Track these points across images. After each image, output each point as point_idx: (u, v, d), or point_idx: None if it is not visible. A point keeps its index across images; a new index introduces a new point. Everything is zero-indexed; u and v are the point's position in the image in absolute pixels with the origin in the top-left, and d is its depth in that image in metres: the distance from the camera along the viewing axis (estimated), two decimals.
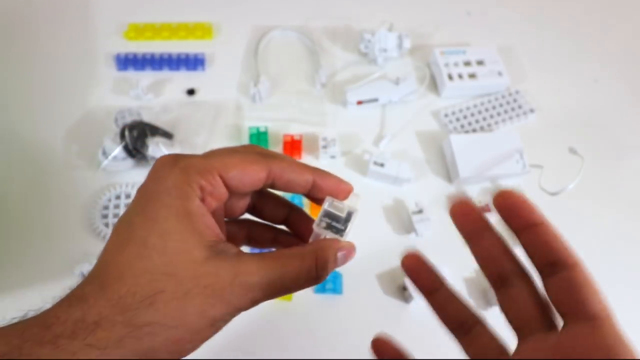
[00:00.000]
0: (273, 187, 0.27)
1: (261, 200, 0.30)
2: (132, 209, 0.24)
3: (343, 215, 0.28)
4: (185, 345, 0.22)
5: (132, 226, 0.23)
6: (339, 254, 0.28)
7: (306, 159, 0.60)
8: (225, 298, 0.22)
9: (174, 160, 0.24)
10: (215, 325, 0.22)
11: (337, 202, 0.28)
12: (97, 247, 0.52)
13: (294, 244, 0.30)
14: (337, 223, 0.28)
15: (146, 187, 0.24)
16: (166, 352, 0.21)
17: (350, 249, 0.28)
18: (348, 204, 0.28)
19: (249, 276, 0.23)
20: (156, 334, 0.21)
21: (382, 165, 0.56)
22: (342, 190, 0.29)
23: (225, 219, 0.28)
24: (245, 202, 0.29)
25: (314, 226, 0.27)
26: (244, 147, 0.27)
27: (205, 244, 0.23)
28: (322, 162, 0.59)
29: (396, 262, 0.54)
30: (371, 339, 0.29)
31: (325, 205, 0.27)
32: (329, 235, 0.28)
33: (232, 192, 0.25)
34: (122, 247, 0.22)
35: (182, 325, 0.21)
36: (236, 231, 0.30)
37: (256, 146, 0.27)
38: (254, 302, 0.23)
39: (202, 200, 0.24)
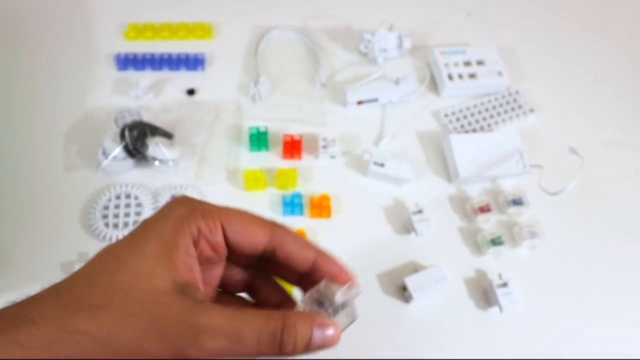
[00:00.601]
0: (273, 256, 0.26)
1: (259, 280, 0.29)
2: (129, 233, 0.24)
3: (336, 302, 0.24)
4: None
5: (116, 245, 0.23)
6: (316, 331, 0.22)
7: (306, 158, 0.60)
8: (168, 334, 0.20)
9: (184, 199, 0.24)
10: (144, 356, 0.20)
11: (335, 286, 0.24)
12: (97, 248, 0.52)
13: None
14: (327, 308, 0.24)
15: (150, 217, 0.24)
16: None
17: (332, 331, 0.23)
18: (344, 294, 0.25)
19: (202, 317, 0.21)
20: (85, 346, 0.20)
21: (382, 165, 0.56)
22: (343, 278, 0.27)
23: (219, 289, 0.27)
24: (241, 275, 0.28)
25: (299, 301, 0.24)
26: (258, 215, 0.26)
27: (174, 280, 0.22)
28: (322, 162, 0.59)
29: (396, 262, 0.54)
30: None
31: (322, 285, 0.25)
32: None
33: (231, 249, 0.25)
34: (94, 262, 0.23)
35: (113, 347, 0.20)
36: (237, 273, 0.28)
37: (270, 219, 0.26)
38: (200, 351, 0.21)
39: (197, 243, 0.24)
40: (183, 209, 0.24)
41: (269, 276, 0.29)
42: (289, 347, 0.22)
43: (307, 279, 0.26)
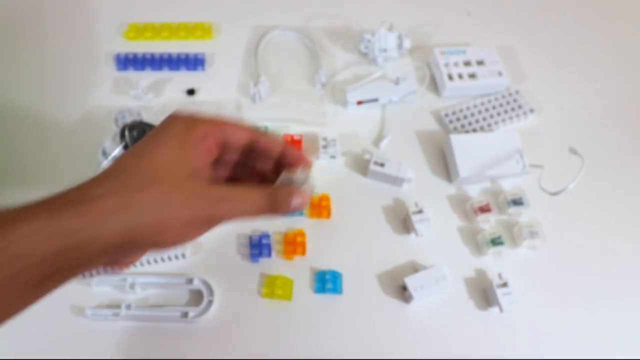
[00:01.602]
0: (252, 151, 0.35)
1: (242, 172, 0.37)
2: (157, 127, 0.32)
3: (297, 180, 0.34)
4: (168, 230, 0.28)
5: (143, 144, 0.31)
6: (294, 199, 0.33)
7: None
8: (199, 202, 0.29)
9: (183, 112, 0.33)
10: (193, 223, 0.29)
11: (296, 169, 0.35)
12: None
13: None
14: (294, 184, 0.34)
15: (161, 125, 0.32)
16: (149, 233, 0.28)
17: (302, 198, 0.33)
18: (302, 173, 0.35)
19: (219, 192, 0.31)
20: (144, 212, 0.27)
21: (382, 165, 0.56)
22: (302, 161, 0.35)
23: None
24: (228, 170, 0.36)
25: (276, 182, 0.34)
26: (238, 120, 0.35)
27: (192, 167, 0.30)
28: (322, 162, 0.59)
29: (396, 262, 0.54)
30: None
31: (286, 170, 0.35)
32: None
33: (224, 148, 0.34)
34: (136, 154, 0.30)
35: (165, 210, 0.28)
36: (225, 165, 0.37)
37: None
38: (217, 212, 0.30)
39: (202, 142, 0.31)
40: (188, 118, 0.32)
41: (249, 169, 0.37)
42: (277, 208, 0.32)
43: (277, 167, 0.36)
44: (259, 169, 0.37)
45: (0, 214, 0.25)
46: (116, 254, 0.28)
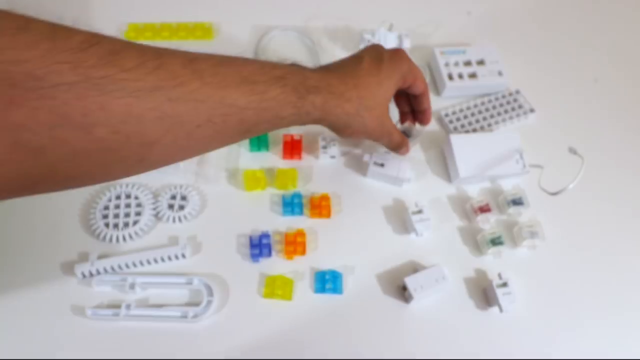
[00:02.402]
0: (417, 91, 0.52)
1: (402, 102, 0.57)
2: (383, 60, 0.46)
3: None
4: (354, 135, 0.47)
5: (380, 70, 0.45)
6: (408, 144, 0.55)
7: (306, 159, 0.60)
8: (385, 127, 0.49)
9: (408, 57, 0.49)
10: (371, 135, 0.49)
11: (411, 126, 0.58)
12: (97, 248, 0.53)
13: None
14: (407, 134, 0.57)
15: (394, 58, 0.47)
16: (347, 132, 0.46)
17: (409, 147, 0.55)
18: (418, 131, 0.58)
19: (392, 127, 0.50)
20: (362, 120, 0.45)
21: (382, 165, 0.56)
22: (426, 121, 0.57)
23: None
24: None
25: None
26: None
27: (388, 103, 0.48)
28: (321, 162, 0.59)
29: (396, 262, 0.54)
30: None
31: (405, 125, 0.58)
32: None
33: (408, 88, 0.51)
34: (370, 76, 0.45)
35: (372, 126, 0.47)
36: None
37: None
38: (379, 134, 0.49)
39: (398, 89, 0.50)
40: (406, 67, 0.48)
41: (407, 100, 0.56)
42: (402, 149, 0.54)
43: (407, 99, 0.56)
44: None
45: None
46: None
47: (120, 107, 0.27)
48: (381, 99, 0.46)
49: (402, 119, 0.57)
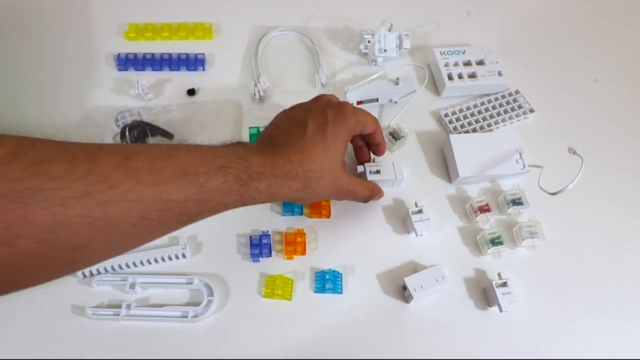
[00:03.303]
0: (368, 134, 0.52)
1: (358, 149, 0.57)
2: (326, 124, 0.44)
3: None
4: (311, 201, 0.51)
5: (325, 135, 0.44)
6: (380, 193, 0.55)
7: None
8: (340, 191, 0.47)
9: (353, 110, 0.47)
10: (326, 198, 0.48)
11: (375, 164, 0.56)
12: None
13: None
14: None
15: (336, 117, 0.45)
16: (305, 201, 0.46)
17: (382, 193, 0.56)
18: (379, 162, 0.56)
19: (350, 186, 0.48)
20: (309, 193, 0.43)
21: (378, 172, 0.56)
22: (382, 151, 0.56)
23: None
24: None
25: (368, 176, 0.55)
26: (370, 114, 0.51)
27: (343, 161, 0.47)
28: None
29: (396, 262, 0.54)
30: None
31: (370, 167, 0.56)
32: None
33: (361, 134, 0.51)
34: (316, 144, 0.43)
35: (319, 195, 0.45)
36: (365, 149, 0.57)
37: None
38: (341, 198, 0.49)
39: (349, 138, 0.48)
40: (353, 121, 0.46)
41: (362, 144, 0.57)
42: (374, 197, 0.54)
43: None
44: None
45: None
46: None
47: (45, 217, 0.26)
48: (330, 164, 0.44)
49: (358, 154, 0.57)
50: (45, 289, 0.50)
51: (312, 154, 0.42)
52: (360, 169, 0.56)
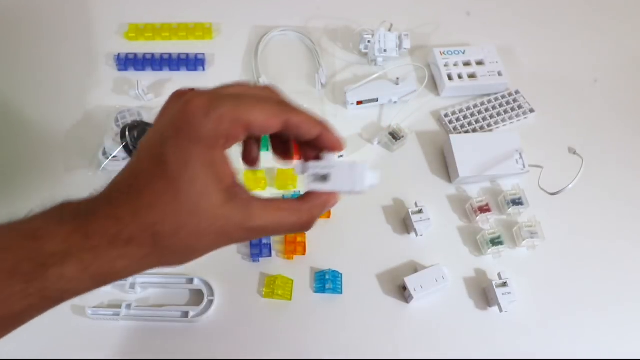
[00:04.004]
0: (285, 132, 0.30)
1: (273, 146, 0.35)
2: (163, 144, 0.26)
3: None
4: (189, 261, 0.29)
5: (164, 164, 0.26)
6: (327, 207, 0.32)
7: None
8: (232, 237, 0.28)
9: (207, 108, 0.26)
10: (216, 249, 0.29)
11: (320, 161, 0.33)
12: None
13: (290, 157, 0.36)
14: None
15: (178, 128, 0.27)
16: (174, 264, 0.29)
17: (335, 202, 0.32)
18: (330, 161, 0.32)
19: (253, 222, 0.28)
20: (173, 255, 0.28)
21: (325, 178, 0.32)
22: (339, 147, 0.32)
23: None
24: (257, 148, 0.35)
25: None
26: (262, 91, 0.31)
27: (222, 189, 0.27)
28: None
29: (396, 262, 0.54)
30: None
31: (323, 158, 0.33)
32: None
33: (251, 134, 0.29)
34: (153, 180, 0.26)
35: (193, 251, 0.28)
36: (253, 147, 0.34)
37: (273, 90, 0.32)
38: (250, 239, 0.31)
39: (227, 147, 0.28)
40: (211, 123, 0.26)
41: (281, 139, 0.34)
42: (309, 228, 0.31)
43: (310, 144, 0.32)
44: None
45: (38, 248, 0.25)
46: None
47: None
48: (192, 204, 0.26)
49: (280, 152, 0.36)
50: None
51: (151, 196, 0.26)
52: (297, 168, 0.33)
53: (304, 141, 0.31)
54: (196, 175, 0.26)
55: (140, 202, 0.26)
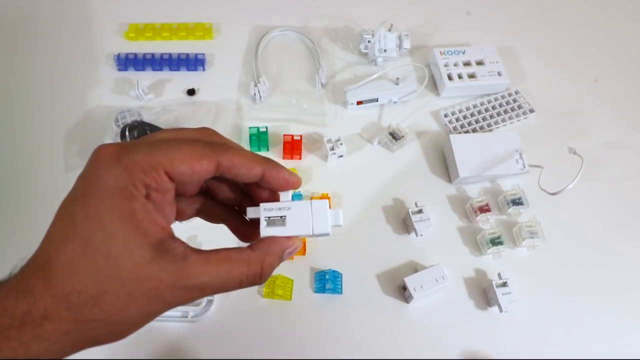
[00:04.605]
0: (222, 176, 0.26)
1: (215, 183, 0.30)
2: (73, 202, 0.24)
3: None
4: (126, 333, 0.25)
5: (74, 223, 0.23)
6: (285, 253, 0.28)
7: (308, 158, 0.60)
8: (166, 300, 0.24)
9: (117, 156, 0.23)
10: (154, 317, 0.24)
11: (275, 203, 0.29)
12: None
13: (243, 226, 0.32)
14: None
15: (87, 182, 0.24)
16: (108, 339, 0.24)
17: (295, 247, 0.28)
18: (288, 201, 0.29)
19: (191, 280, 0.24)
20: (100, 328, 0.23)
21: (282, 219, 0.28)
22: (292, 184, 0.28)
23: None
24: (196, 185, 0.29)
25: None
26: (194, 133, 0.27)
27: (149, 244, 0.23)
28: (330, 163, 0.59)
29: (396, 262, 0.54)
30: None
31: (263, 211, 0.28)
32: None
33: (180, 183, 0.25)
34: (65, 243, 0.23)
35: (125, 321, 0.24)
36: (187, 206, 0.30)
37: (208, 131, 0.28)
38: (192, 301, 0.25)
39: (147, 196, 0.24)
40: (120, 171, 0.23)
41: (224, 178, 0.28)
42: (264, 280, 0.26)
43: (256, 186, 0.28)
44: (222, 199, 0.30)
45: None
46: None
47: None
48: (112, 266, 0.22)
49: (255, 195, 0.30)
50: None
51: (63, 262, 0.23)
52: (249, 212, 0.29)
53: (249, 183, 0.28)
54: (113, 232, 0.22)
55: (52, 270, 0.22)
